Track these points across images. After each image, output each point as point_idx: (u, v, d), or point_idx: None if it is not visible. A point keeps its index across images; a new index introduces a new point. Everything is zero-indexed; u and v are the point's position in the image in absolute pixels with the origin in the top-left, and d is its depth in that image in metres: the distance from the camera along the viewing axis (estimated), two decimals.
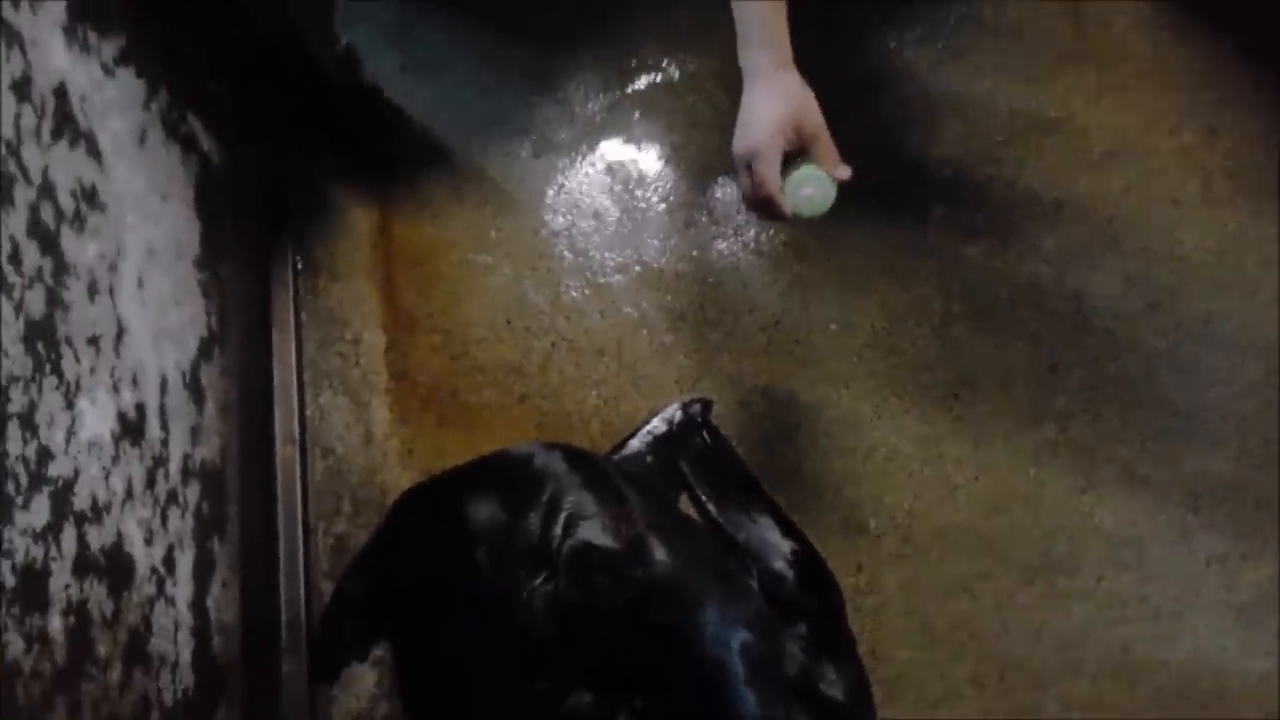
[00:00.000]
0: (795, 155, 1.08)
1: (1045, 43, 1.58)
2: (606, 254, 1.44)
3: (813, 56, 1.53)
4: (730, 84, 1.52)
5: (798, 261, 1.43)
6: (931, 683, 1.24)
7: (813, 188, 1.06)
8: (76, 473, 0.80)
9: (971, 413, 1.35)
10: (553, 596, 0.97)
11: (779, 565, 1.21)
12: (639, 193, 1.47)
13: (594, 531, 0.99)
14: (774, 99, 1.06)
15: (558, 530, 1.00)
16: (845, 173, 1.07)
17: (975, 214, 1.47)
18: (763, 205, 1.07)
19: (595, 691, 0.96)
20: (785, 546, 1.22)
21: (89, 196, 0.90)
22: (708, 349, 1.37)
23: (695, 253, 1.44)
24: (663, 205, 1.46)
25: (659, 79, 1.53)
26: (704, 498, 1.27)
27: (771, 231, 1.45)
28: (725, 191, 1.47)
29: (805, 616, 1.17)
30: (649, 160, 1.49)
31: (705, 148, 1.50)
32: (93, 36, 0.96)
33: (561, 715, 0.95)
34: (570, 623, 0.97)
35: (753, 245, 1.44)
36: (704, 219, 1.46)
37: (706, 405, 1.32)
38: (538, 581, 0.99)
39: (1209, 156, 1.51)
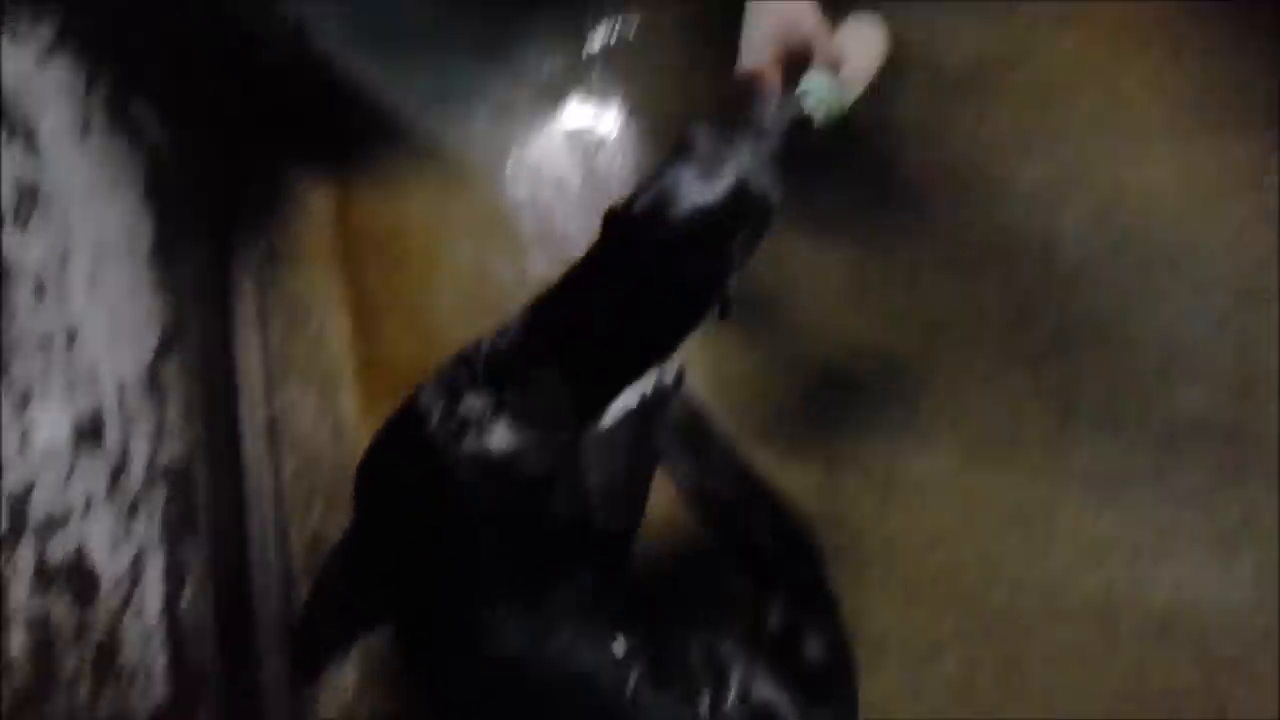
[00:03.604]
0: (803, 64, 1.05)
1: None
2: (572, 222, 1.41)
3: None
4: (686, 38, 1.49)
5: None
6: (915, 639, 1.24)
7: (813, 99, 1.03)
8: (32, 483, 0.79)
9: (945, 360, 1.34)
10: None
11: (758, 534, 1.20)
12: (601, 156, 1.45)
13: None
14: (760, 16, 1.03)
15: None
16: (849, 71, 1.04)
17: (941, 157, 1.45)
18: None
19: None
20: (765, 513, 1.22)
21: (29, 193, 0.88)
22: None
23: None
24: (627, 168, 1.44)
25: (615, 39, 1.50)
26: (679, 466, 1.26)
27: None
28: None
29: (785, 581, 1.18)
30: (610, 122, 1.46)
31: (666, 105, 1.47)
32: (23, 26, 0.93)
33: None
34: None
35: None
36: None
37: (679, 373, 1.31)
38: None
39: (1173, 82, 1.49)
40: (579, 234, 1.40)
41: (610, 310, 0.89)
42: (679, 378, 1.30)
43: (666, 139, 1.44)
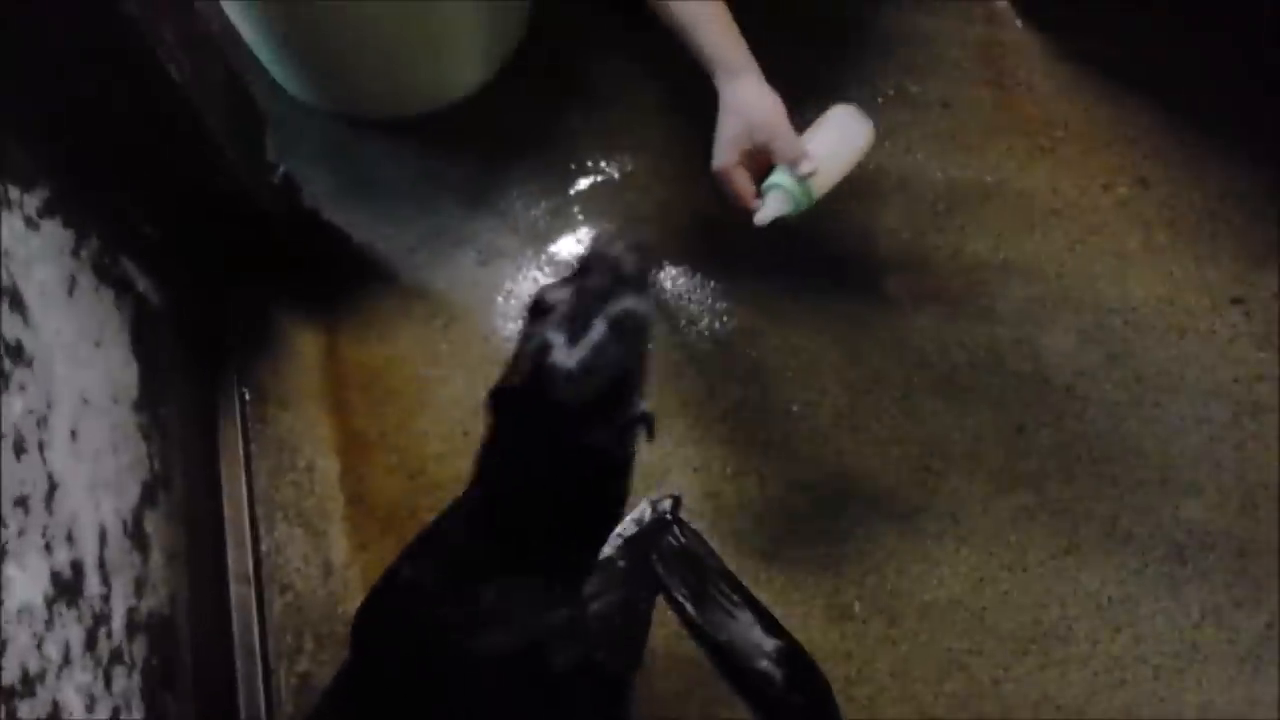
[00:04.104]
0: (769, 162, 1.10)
1: (973, 113, 1.62)
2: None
3: None
4: (667, 178, 1.54)
5: (752, 346, 1.42)
6: None
7: (774, 198, 1.09)
8: (4, 644, 0.75)
9: (945, 483, 1.33)
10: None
11: (764, 664, 1.16)
12: None
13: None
14: (727, 116, 1.09)
15: None
16: (808, 168, 1.08)
17: (925, 282, 1.48)
18: (744, 218, 1.10)
19: None
20: (769, 644, 1.17)
21: (14, 353, 0.87)
22: (670, 442, 1.35)
23: (650, 345, 1.42)
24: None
25: (599, 180, 1.54)
26: (681, 599, 1.22)
27: (725, 318, 1.44)
28: (675, 283, 1.47)
29: (794, 713, 1.12)
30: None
31: (651, 238, 1.50)
32: (14, 192, 0.95)
33: None
34: None
35: (707, 334, 1.43)
36: (655, 312, 1.45)
37: (676, 501, 1.29)
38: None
39: (1145, 208, 1.54)
40: None
41: (532, 484, 0.86)
42: (675, 506, 1.28)
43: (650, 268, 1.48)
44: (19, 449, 0.85)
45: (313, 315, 1.39)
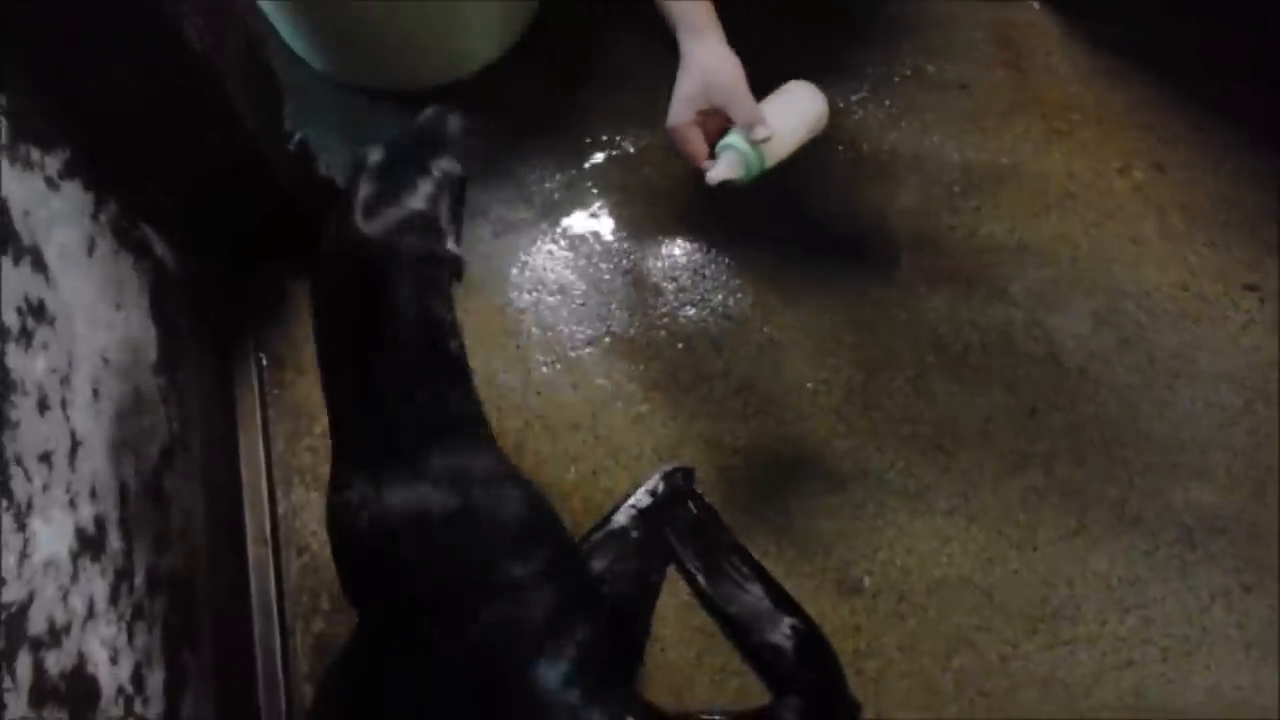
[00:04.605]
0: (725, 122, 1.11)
1: (991, 95, 1.62)
2: (575, 327, 1.42)
3: None
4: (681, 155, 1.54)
5: (766, 323, 1.42)
6: None
7: (726, 159, 1.09)
8: (31, 596, 0.76)
9: (956, 462, 1.33)
10: None
11: (775, 638, 1.17)
12: (603, 264, 1.47)
13: None
14: (686, 74, 1.09)
15: None
16: (762, 132, 1.08)
17: (939, 263, 1.48)
18: (697, 176, 1.11)
19: None
20: (780, 617, 1.18)
21: (36, 311, 0.88)
22: (684, 416, 1.35)
23: (664, 320, 1.43)
24: (627, 275, 1.46)
25: (613, 154, 1.54)
26: (693, 570, 1.23)
27: (739, 294, 1.44)
28: (690, 258, 1.47)
29: (803, 688, 1.13)
30: (610, 232, 1.49)
31: (664, 216, 1.50)
32: (35, 153, 0.95)
33: None
34: None
35: (720, 309, 1.43)
36: (670, 286, 1.45)
37: (688, 473, 1.30)
38: None
39: (1161, 193, 1.54)
40: (583, 339, 1.41)
41: (368, 340, 0.90)
42: (688, 479, 1.28)
43: (664, 245, 1.48)
44: (42, 406, 0.85)
45: None
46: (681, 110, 1.10)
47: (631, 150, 1.54)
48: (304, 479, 1.28)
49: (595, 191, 1.52)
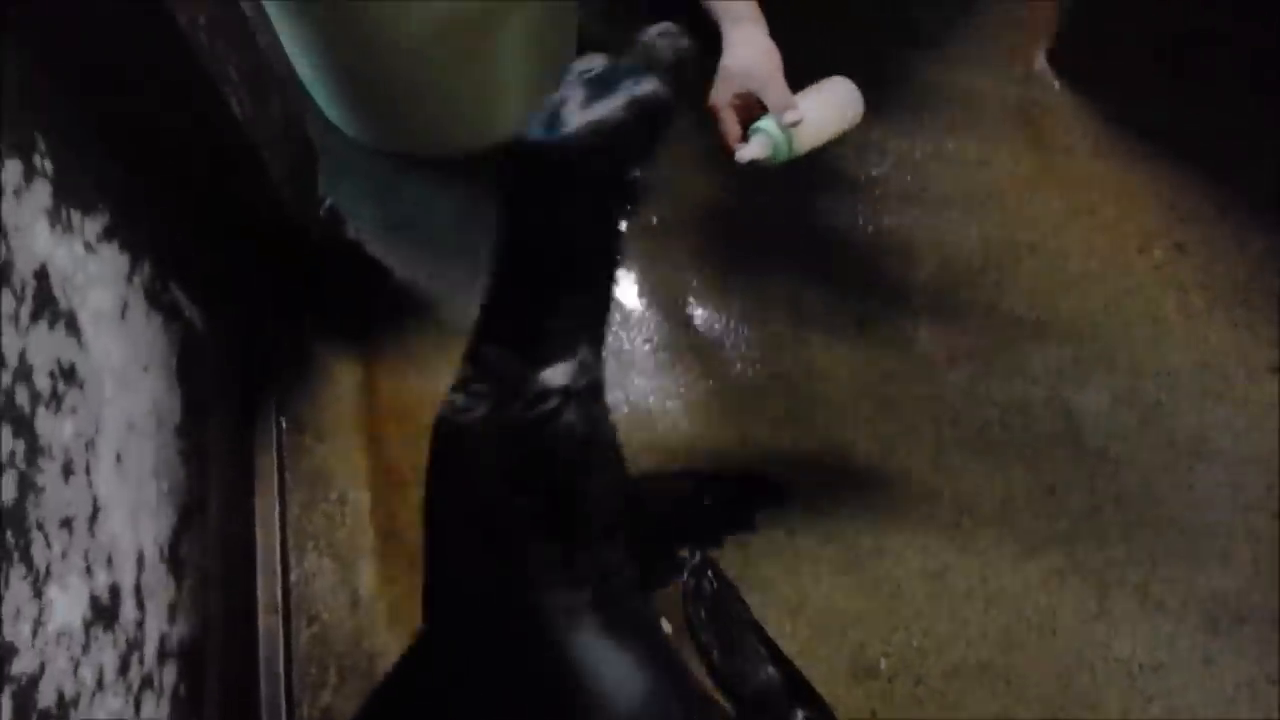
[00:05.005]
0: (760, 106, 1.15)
1: (1011, 171, 1.63)
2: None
3: (788, 196, 1.58)
4: (705, 226, 1.56)
5: (785, 395, 1.42)
6: None
7: (757, 141, 1.13)
8: (43, 667, 0.76)
9: (975, 542, 1.32)
10: None
11: (791, 716, 1.15)
12: (622, 334, 1.48)
13: None
14: (726, 59, 1.14)
15: None
16: (792, 116, 1.12)
17: (959, 338, 1.48)
18: (728, 157, 1.15)
19: None
20: (794, 708, 1.16)
21: (67, 375, 0.89)
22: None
23: (682, 390, 1.43)
24: (647, 345, 1.47)
25: (635, 225, 1.56)
26: (708, 645, 1.22)
27: (757, 365, 1.45)
28: (709, 328, 1.48)
29: None
30: (630, 301, 1.50)
31: (684, 287, 1.52)
32: (76, 217, 0.97)
33: None
34: None
35: (739, 379, 1.44)
36: (689, 356, 1.46)
37: (710, 554, 1.29)
38: None
39: (1181, 272, 1.54)
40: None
41: (543, 240, 0.88)
42: (708, 557, 1.28)
43: (683, 316, 1.49)
44: (67, 471, 0.86)
45: (352, 348, 1.40)
46: (721, 92, 1.15)
47: (655, 221, 1.56)
48: (318, 545, 1.28)
49: (616, 259, 1.53)
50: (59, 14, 0.90)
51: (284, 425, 1.35)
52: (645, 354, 1.46)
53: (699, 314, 1.49)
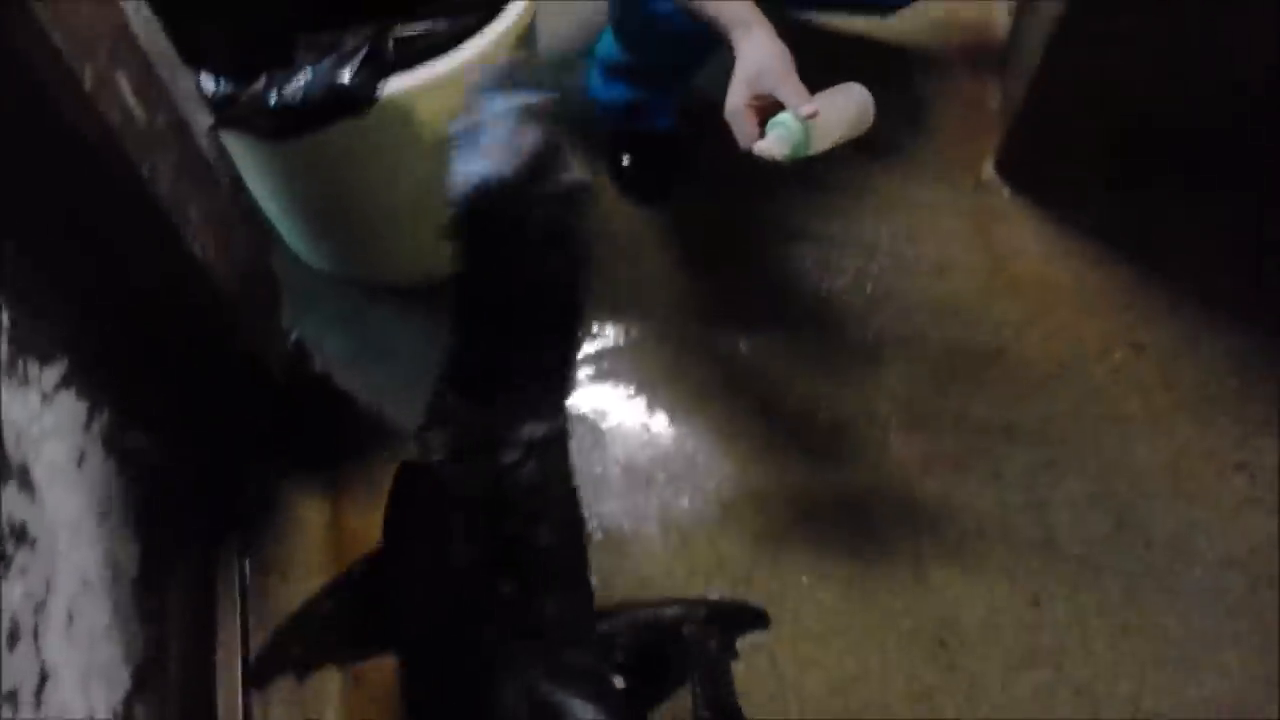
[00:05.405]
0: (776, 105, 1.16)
1: (969, 278, 1.66)
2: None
3: (754, 311, 1.60)
4: (673, 343, 1.57)
5: (760, 512, 1.41)
6: None
7: (775, 135, 1.13)
8: None
9: (960, 660, 1.29)
10: None
11: None
12: (594, 455, 1.47)
13: None
14: (740, 64, 1.16)
15: None
16: (809, 109, 1.12)
17: (930, 446, 1.48)
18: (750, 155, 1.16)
19: None
20: None
21: (18, 534, 0.86)
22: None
23: (656, 511, 1.41)
24: (617, 466, 1.45)
25: (605, 345, 1.57)
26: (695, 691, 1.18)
27: (731, 482, 1.43)
28: (681, 446, 1.47)
29: None
30: (601, 423, 1.49)
31: (655, 404, 1.51)
32: (33, 368, 0.95)
33: None
34: None
35: (714, 498, 1.42)
36: (661, 475, 1.45)
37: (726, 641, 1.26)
38: None
39: (1143, 373, 1.56)
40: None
41: (498, 287, 0.93)
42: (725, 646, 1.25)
43: (655, 434, 1.48)
44: (13, 638, 0.82)
45: (320, 484, 1.38)
46: (738, 95, 1.16)
47: (621, 342, 1.57)
48: (284, 694, 1.23)
49: (588, 382, 1.53)
50: (11, 166, 0.90)
51: (249, 567, 1.30)
52: (616, 475, 1.44)
53: (670, 432, 1.49)
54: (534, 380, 0.97)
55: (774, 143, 1.15)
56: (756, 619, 1.29)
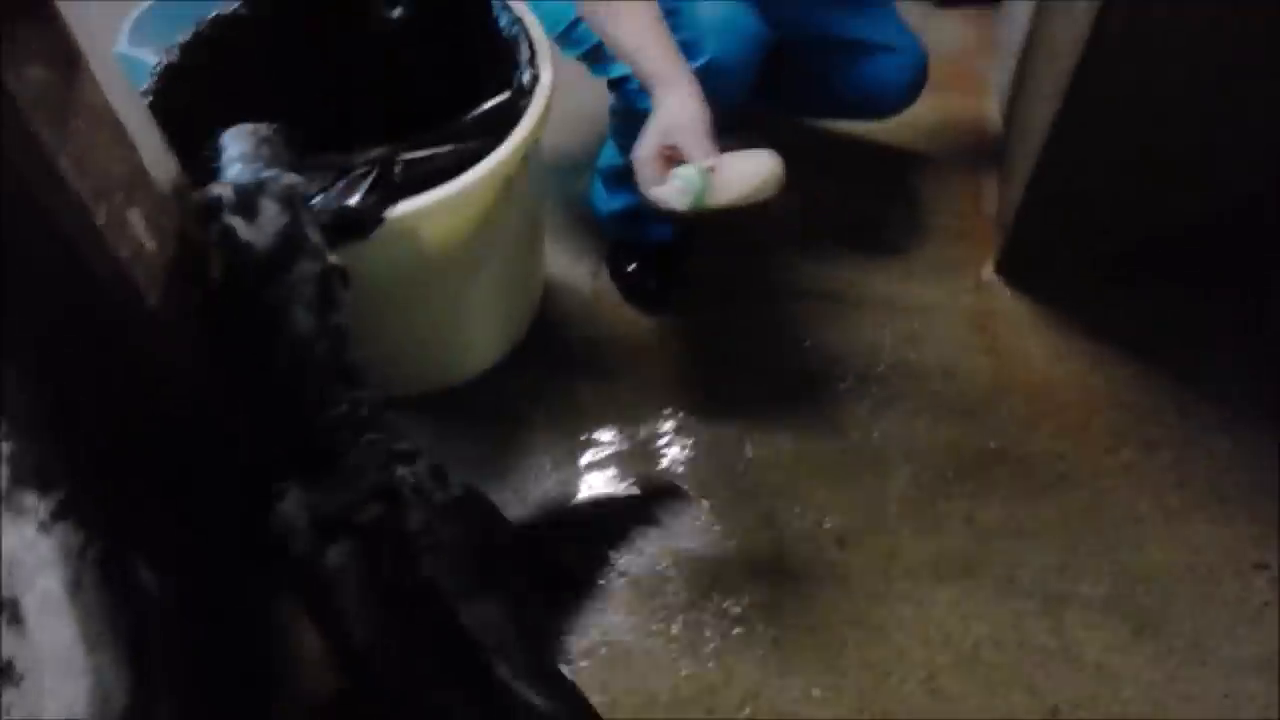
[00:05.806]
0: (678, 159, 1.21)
1: (973, 379, 1.66)
2: (571, 636, 1.37)
3: (759, 414, 1.60)
4: (679, 449, 1.56)
5: (769, 625, 1.37)
6: None
7: (672, 185, 1.18)
8: None
9: None
10: None
11: None
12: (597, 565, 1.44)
13: None
14: (655, 118, 1.21)
15: None
16: (709, 162, 1.17)
17: (941, 551, 1.45)
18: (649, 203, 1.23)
19: None
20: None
21: (4, 672, 0.84)
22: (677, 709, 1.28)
23: (661, 625, 1.38)
24: (623, 579, 1.43)
25: (609, 452, 1.56)
26: None
27: (739, 593, 1.41)
28: (687, 558, 1.45)
29: None
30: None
31: (660, 511, 1.49)
32: (31, 498, 0.95)
33: None
34: None
35: (722, 612, 1.39)
36: (669, 588, 1.42)
37: None
38: None
39: (1154, 472, 1.54)
40: (580, 649, 1.36)
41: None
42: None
43: (662, 546, 1.46)
44: None
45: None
46: (646, 146, 1.21)
47: (626, 447, 1.56)
48: None
49: (589, 488, 1.52)
50: (21, 298, 0.92)
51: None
52: (620, 587, 1.42)
53: (677, 543, 1.47)
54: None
55: (672, 191, 1.20)
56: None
